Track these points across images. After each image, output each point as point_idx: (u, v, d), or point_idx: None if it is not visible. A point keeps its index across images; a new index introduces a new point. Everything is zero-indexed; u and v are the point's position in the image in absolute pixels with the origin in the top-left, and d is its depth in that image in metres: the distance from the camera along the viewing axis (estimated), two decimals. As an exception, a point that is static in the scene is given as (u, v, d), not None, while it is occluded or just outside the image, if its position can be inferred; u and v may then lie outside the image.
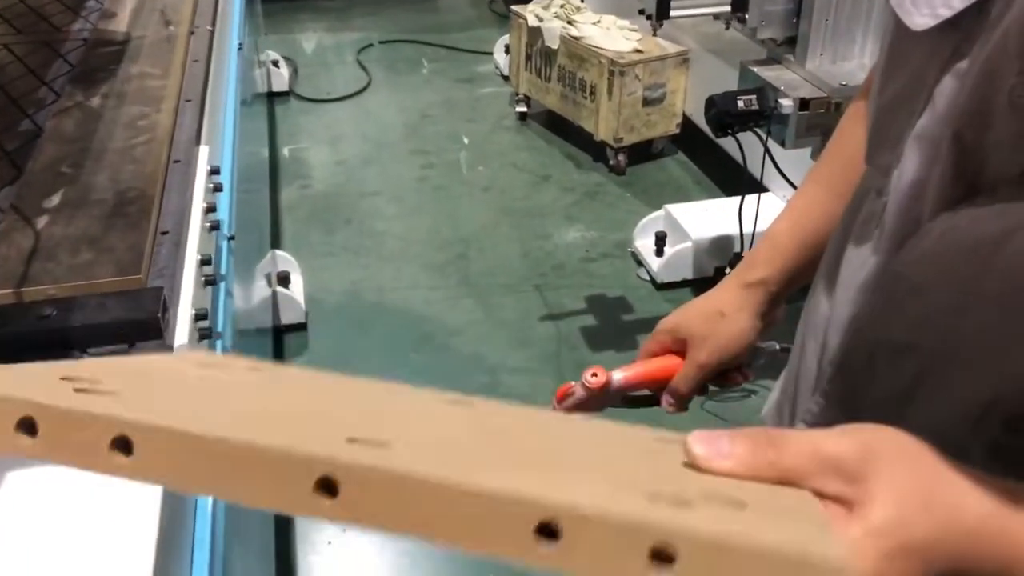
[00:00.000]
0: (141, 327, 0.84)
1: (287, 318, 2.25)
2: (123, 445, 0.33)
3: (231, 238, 1.31)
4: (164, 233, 1.01)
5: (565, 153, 3.21)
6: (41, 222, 1.00)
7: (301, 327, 2.28)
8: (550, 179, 3.06)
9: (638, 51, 2.92)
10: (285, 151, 3.25)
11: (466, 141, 3.34)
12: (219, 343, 1.07)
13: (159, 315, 0.84)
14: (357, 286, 2.49)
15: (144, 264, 0.93)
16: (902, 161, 0.51)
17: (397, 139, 3.35)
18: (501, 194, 2.96)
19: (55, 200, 1.04)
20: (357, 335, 2.32)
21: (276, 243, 2.59)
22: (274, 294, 2.21)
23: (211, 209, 1.14)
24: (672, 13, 1.66)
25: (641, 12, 1.71)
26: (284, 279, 2.28)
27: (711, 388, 0.79)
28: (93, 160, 1.13)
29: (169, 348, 0.86)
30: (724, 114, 1.69)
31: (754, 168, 1.98)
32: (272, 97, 3.51)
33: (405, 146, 3.29)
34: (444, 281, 2.52)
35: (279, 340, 2.23)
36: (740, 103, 1.67)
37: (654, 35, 2.04)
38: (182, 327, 0.89)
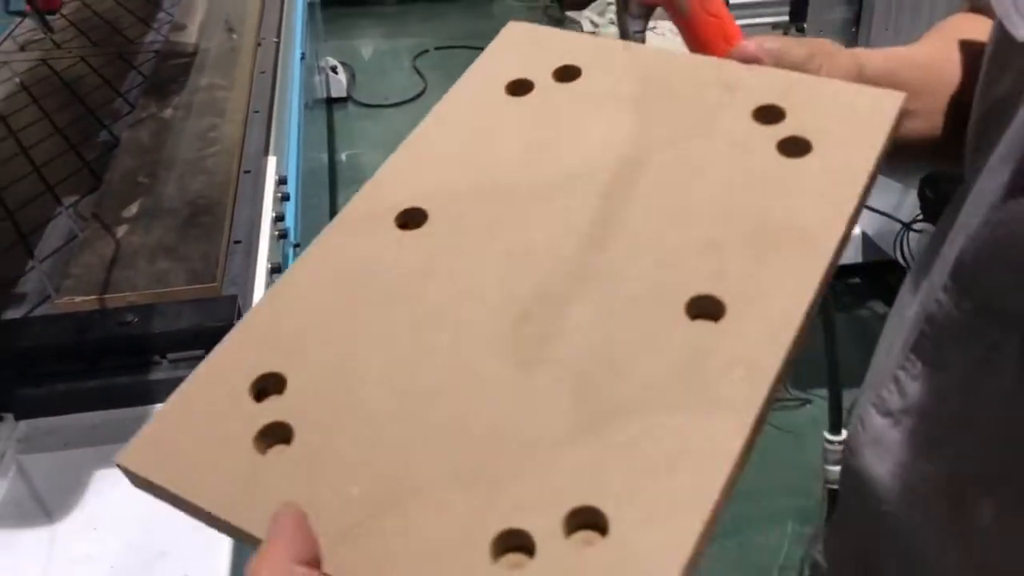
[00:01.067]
0: (218, 334, 0.87)
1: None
2: None
3: (296, 246, 1.35)
4: (237, 242, 1.04)
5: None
6: (121, 231, 1.04)
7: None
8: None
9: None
10: (343, 156, 3.30)
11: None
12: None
13: (235, 322, 0.87)
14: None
15: (219, 272, 0.96)
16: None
17: (452, 144, 3.38)
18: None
19: (133, 209, 1.09)
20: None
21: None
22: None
23: (279, 218, 1.18)
24: (730, 22, 1.65)
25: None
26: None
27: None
28: (167, 170, 1.17)
29: (242, 354, 0.89)
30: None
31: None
32: (331, 103, 3.57)
33: (460, 151, 3.32)
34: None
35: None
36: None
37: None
38: (254, 334, 0.93)
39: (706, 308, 0.41)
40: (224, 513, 0.37)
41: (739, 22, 0.59)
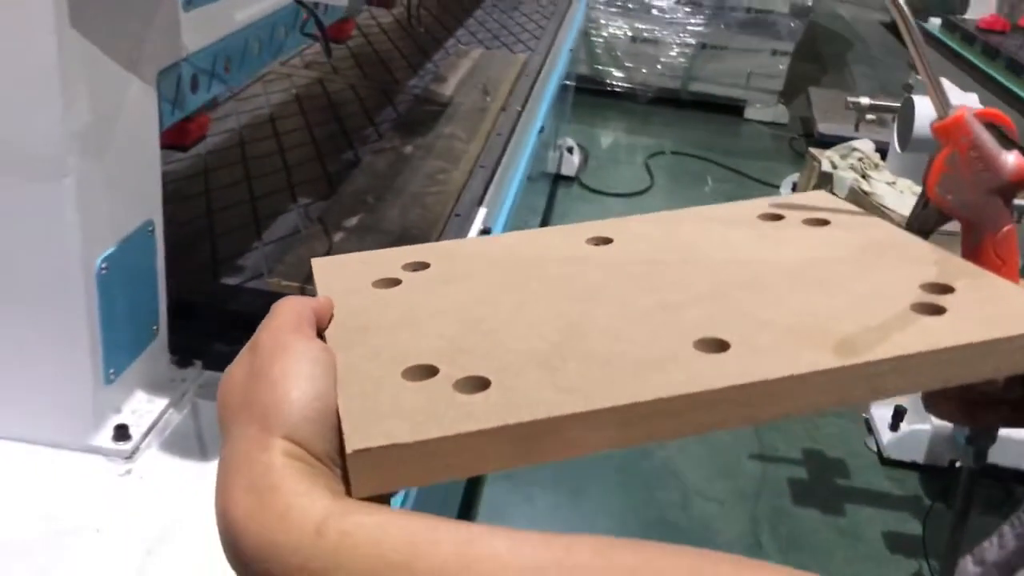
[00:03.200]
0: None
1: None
2: None
3: (483, 293, 1.44)
4: (429, 272, 1.14)
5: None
6: (337, 236, 1.17)
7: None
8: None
9: (927, 220, 2.83)
10: (555, 230, 3.43)
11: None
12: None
13: (404, 339, 0.96)
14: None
15: (405, 293, 1.06)
16: None
17: (661, 246, 3.43)
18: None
19: (353, 222, 1.22)
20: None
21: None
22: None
23: (473, 263, 1.27)
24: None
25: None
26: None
27: None
28: (392, 196, 1.30)
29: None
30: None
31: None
32: (558, 179, 3.73)
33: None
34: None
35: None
36: None
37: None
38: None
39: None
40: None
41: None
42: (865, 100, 2.65)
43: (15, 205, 0.73)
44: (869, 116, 2.63)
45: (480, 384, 0.44)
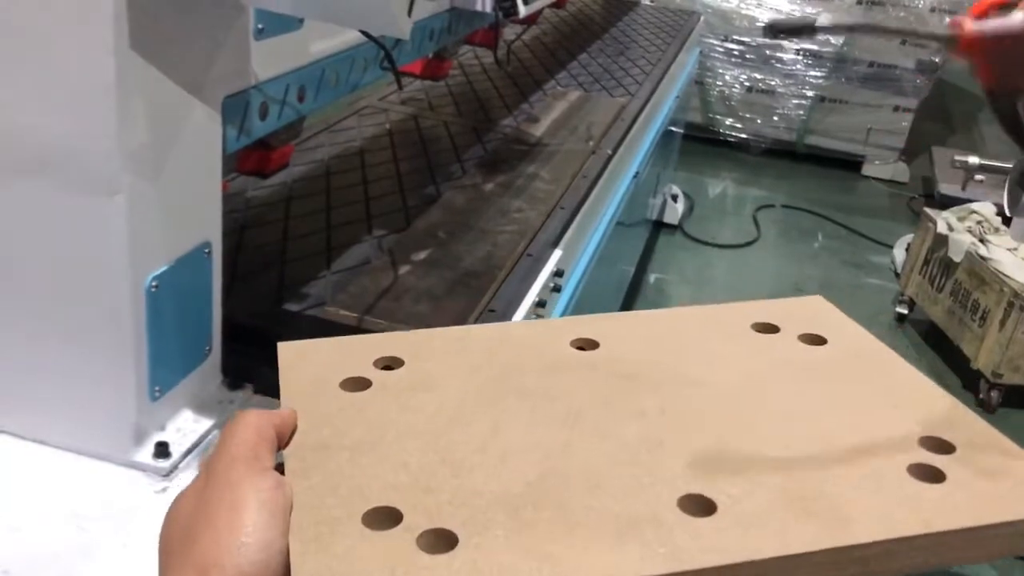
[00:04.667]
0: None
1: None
2: None
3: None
4: (491, 311, 1.13)
5: (934, 370, 2.98)
6: (403, 269, 1.17)
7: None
8: (906, 390, 2.85)
9: (1050, 291, 2.66)
10: (651, 277, 3.38)
11: (831, 324, 3.23)
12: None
13: (452, 377, 0.95)
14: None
15: (462, 331, 1.04)
16: None
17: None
18: (847, 387, 2.82)
19: (421, 256, 1.21)
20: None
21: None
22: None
23: (541, 304, 1.25)
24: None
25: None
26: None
27: None
28: (464, 232, 1.29)
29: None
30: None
31: None
32: (660, 226, 3.68)
33: (768, 309, 3.26)
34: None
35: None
36: None
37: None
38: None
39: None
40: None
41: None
42: (974, 159, 2.52)
43: (69, 219, 0.75)
44: (978, 176, 2.50)
45: (446, 541, 0.41)
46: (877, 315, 3.32)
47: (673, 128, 3.05)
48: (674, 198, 3.73)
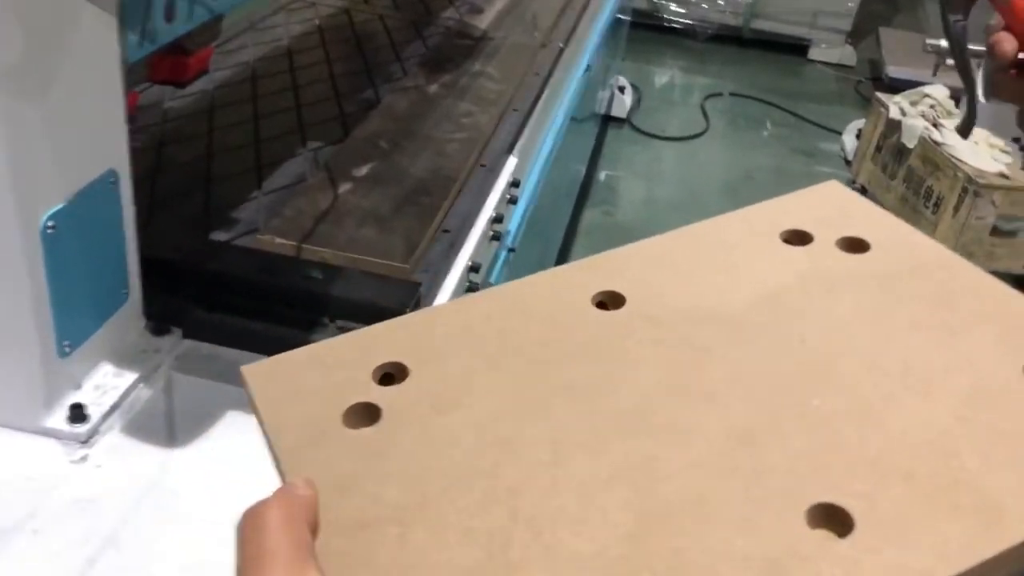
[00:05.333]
0: (389, 316, 0.85)
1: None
2: None
3: (512, 250, 1.32)
4: (445, 231, 1.02)
5: (885, 258, 2.96)
6: (343, 187, 1.05)
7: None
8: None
9: (1003, 175, 2.63)
10: (602, 175, 3.28)
11: (783, 215, 3.18)
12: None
13: (408, 310, 0.85)
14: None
15: (415, 256, 0.94)
16: None
17: (713, 194, 3.26)
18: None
19: (363, 170, 1.09)
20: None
21: (561, 261, 2.61)
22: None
23: (498, 220, 1.15)
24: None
25: (1016, 140, 1.51)
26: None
27: None
28: (409, 142, 1.17)
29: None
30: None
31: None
32: (608, 120, 3.56)
33: (719, 203, 3.20)
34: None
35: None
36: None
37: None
38: (427, 327, 0.90)
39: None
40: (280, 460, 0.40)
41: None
42: (947, 43, 2.43)
43: (-66, 154, 0.62)
44: (950, 61, 2.41)
45: None
46: (828, 204, 3.27)
47: (621, 16, 2.90)
48: (621, 90, 3.59)
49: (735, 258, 0.51)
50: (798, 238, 0.51)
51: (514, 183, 1.24)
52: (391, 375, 0.45)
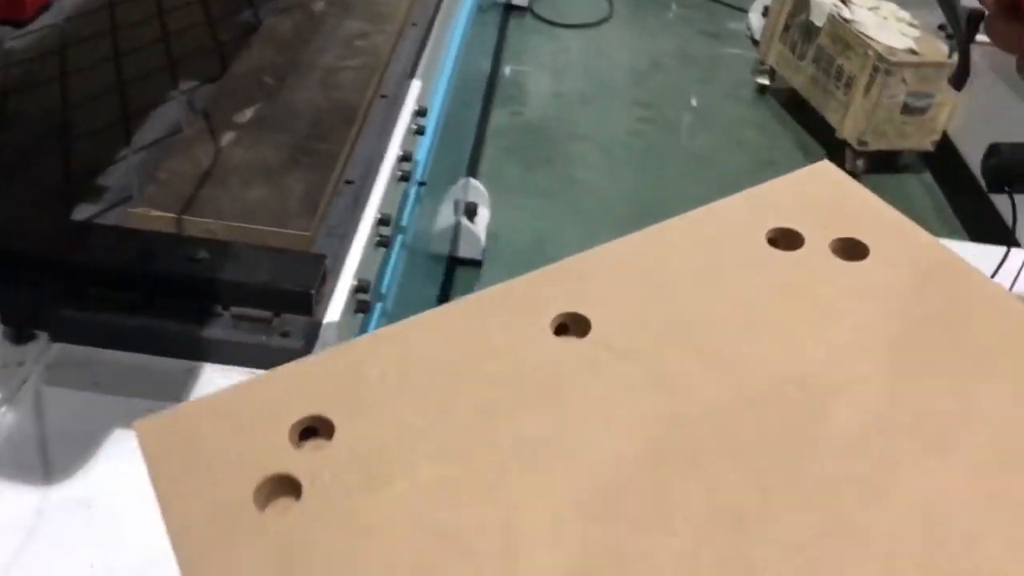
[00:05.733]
0: (292, 299, 0.74)
1: (464, 252, 2.16)
2: None
3: (422, 183, 1.21)
4: (348, 183, 0.91)
5: (799, 142, 2.93)
6: (225, 138, 0.92)
7: (475, 263, 2.19)
8: (774, 166, 2.80)
9: (912, 51, 2.59)
10: (507, 70, 3.13)
11: (694, 103, 3.11)
12: (378, 306, 0.97)
13: (312, 291, 0.74)
14: (542, 234, 2.37)
15: (316, 220, 0.83)
16: None
17: (621, 83, 3.16)
18: (718, 172, 2.74)
19: (247, 115, 0.96)
20: (529, 286, 2.20)
21: (473, 169, 2.49)
22: (458, 224, 2.12)
23: (406, 158, 1.03)
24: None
25: (942, 28, 1.45)
26: (471, 211, 2.18)
27: None
28: (297, 76, 1.04)
29: (316, 325, 0.76)
30: (1008, 170, 1.42)
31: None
32: (509, 9, 3.38)
33: (627, 93, 3.10)
34: (632, 252, 2.36)
35: (452, 272, 2.15)
36: (1032, 159, 1.40)
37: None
38: (338, 300, 0.79)
39: None
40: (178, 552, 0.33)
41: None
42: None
43: None
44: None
45: None
46: (738, 88, 3.21)
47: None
48: (520, -25, 3.41)
49: (715, 268, 0.42)
50: (787, 240, 0.43)
51: (420, 111, 1.12)
52: (314, 429, 0.37)
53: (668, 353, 0.38)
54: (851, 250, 0.42)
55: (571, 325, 0.40)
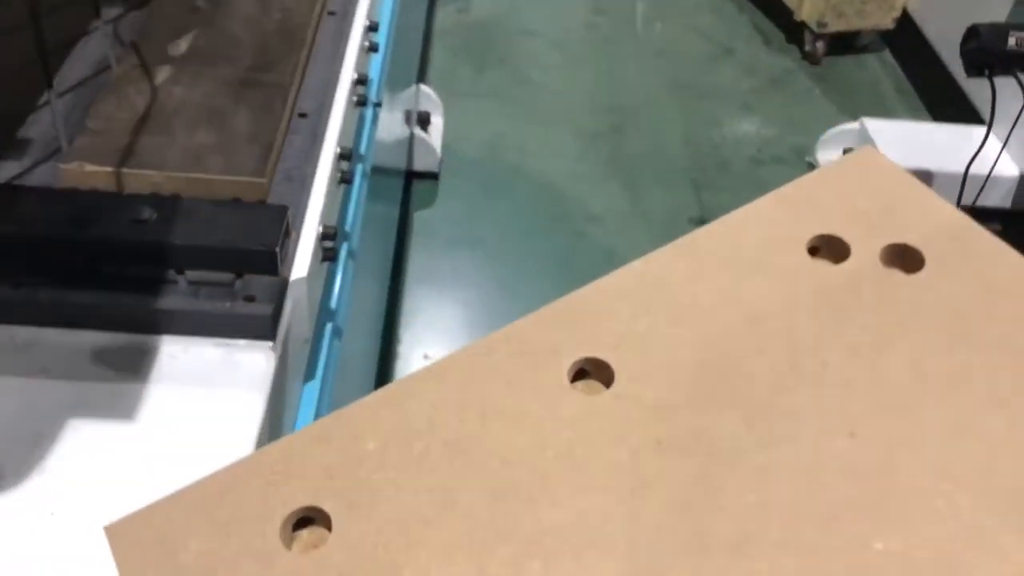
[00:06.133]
0: (254, 259, 0.67)
1: (420, 164, 2.07)
2: None
3: (378, 104, 1.12)
4: (302, 116, 0.82)
5: (757, 26, 2.84)
6: (161, 74, 0.82)
7: (432, 176, 2.11)
8: (733, 54, 2.71)
9: (872, -76, 2.49)
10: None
11: (647, -10, 2.99)
12: (344, 247, 0.90)
13: (277, 249, 0.67)
14: (498, 141, 2.28)
15: (271, 162, 0.75)
16: None
17: (572, -27, 3.01)
18: (674, 62, 2.65)
19: (182, 46, 0.86)
20: (488, 199, 2.13)
21: (422, 75, 2.37)
22: (411, 136, 2.02)
23: (362, 81, 0.94)
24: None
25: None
26: (424, 120, 2.08)
27: None
28: (235, -4, 0.93)
29: (284, 284, 0.69)
30: (987, 51, 1.36)
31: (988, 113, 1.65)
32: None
33: (580, -15, 2.96)
34: (592, 155, 2.28)
35: (408, 187, 2.06)
36: (1012, 41, 1.34)
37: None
38: (304, 253, 0.72)
39: None
40: None
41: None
42: None
43: None
44: None
45: None
46: (692, -29, 3.08)
47: None
48: None
49: (750, 291, 0.36)
50: (831, 250, 0.37)
51: (371, 26, 1.03)
52: (310, 520, 0.31)
53: (700, 403, 0.33)
54: (904, 260, 0.36)
55: (591, 371, 0.34)
